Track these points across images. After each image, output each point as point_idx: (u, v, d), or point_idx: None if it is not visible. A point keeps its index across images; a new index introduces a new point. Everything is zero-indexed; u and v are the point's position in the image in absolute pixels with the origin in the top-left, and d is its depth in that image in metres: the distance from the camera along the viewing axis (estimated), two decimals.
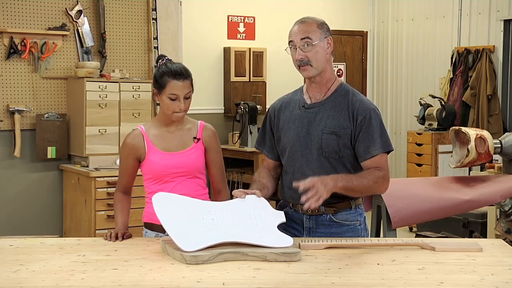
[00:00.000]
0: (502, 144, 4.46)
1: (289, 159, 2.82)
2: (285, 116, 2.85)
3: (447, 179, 4.51)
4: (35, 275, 2.27)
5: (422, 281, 2.22)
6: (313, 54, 2.72)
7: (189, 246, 2.41)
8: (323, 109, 2.77)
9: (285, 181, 2.87)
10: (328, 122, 2.75)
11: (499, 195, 4.13)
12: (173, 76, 2.86)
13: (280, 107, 2.89)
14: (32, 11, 5.79)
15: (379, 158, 2.73)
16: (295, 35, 2.74)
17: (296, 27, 2.75)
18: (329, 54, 2.77)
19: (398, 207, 3.96)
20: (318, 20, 2.78)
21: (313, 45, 2.71)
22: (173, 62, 2.94)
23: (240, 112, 7.06)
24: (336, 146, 2.73)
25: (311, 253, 2.51)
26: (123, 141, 3.01)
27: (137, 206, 3.75)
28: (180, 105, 2.87)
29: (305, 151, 2.77)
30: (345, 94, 2.79)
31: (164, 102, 2.89)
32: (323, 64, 2.76)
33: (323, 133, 2.74)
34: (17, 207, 5.82)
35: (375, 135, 2.72)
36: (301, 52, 2.72)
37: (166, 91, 2.87)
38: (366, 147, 2.72)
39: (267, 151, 2.94)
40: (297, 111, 2.82)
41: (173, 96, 2.86)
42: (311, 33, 2.72)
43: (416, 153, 7.36)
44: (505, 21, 7.24)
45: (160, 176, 2.93)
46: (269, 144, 2.93)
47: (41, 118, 5.77)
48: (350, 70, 8.57)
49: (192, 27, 7.17)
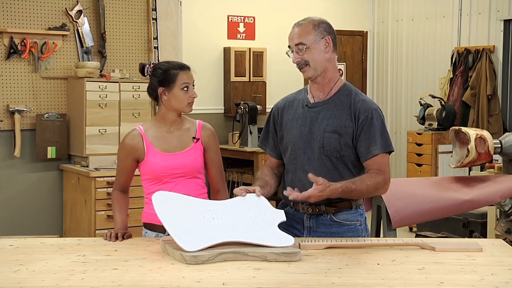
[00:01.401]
0: (502, 144, 4.46)
1: (291, 158, 2.83)
2: (288, 115, 2.86)
3: (447, 179, 4.51)
4: (35, 275, 2.27)
5: (422, 281, 2.22)
6: (308, 55, 2.74)
7: (191, 246, 2.41)
8: (325, 108, 2.78)
9: (286, 180, 2.87)
10: (330, 121, 2.75)
11: (499, 195, 4.13)
12: (179, 68, 2.93)
13: (284, 106, 2.91)
14: (32, 11, 5.79)
15: (381, 158, 2.73)
16: (291, 40, 2.77)
17: (293, 31, 2.78)
18: (328, 54, 2.77)
19: (398, 207, 3.96)
20: (315, 20, 2.78)
21: (308, 48, 2.72)
22: (162, 62, 3.02)
23: (240, 112, 7.05)
24: (338, 145, 2.74)
25: (311, 253, 2.51)
26: (122, 141, 3.01)
27: (136, 206, 3.76)
28: (193, 93, 2.94)
29: (307, 150, 2.78)
30: (348, 94, 2.80)
31: (177, 95, 2.91)
32: (322, 64, 2.76)
33: (325, 131, 2.75)
34: (17, 207, 5.82)
35: (376, 135, 2.73)
36: (297, 55, 2.75)
37: (177, 84, 2.91)
38: (367, 146, 2.73)
39: (270, 149, 2.95)
40: (300, 110, 2.83)
41: (185, 85, 2.91)
42: (304, 37, 2.73)
43: (416, 153, 7.36)
44: (505, 21, 7.24)
45: (159, 177, 2.93)
46: (272, 143, 2.94)
47: (41, 118, 5.77)
48: (350, 70, 8.57)
49: (192, 27, 7.17)
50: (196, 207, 2.61)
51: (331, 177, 2.73)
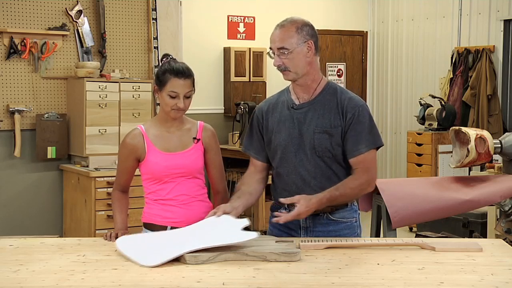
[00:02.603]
0: (502, 144, 4.45)
1: (282, 161, 2.81)
2: (274, 117, 2.84)
3: (447, 179, 4.50)
4: (35, 275, 2.27)
5: (422, 281, 2.22)
6: (290, 61, 2.72)
7: (147, 261, 2.36)
8: (312, 109, 2.78)
9: (278, 183, 2.86)
10: (319, 122, 2.75)
11: (499, 195, 4.13)
12: (174, 74, 2.86)
13: (267, 108, 2.88)
14: (32, 11, 5.79)
15: (367, 155, 2.74)
16: (273, 42, 2.74)
17: (275, 33, 2.74)
18: (310, 57, 2.75)
19: (398, 207, 3.96)
20: (298, 23, 2.74)
21: (290, 52, 2.70)
22: (176, 61, 2.95)
23: (240, 112, 7.05)
24: (329, 144, 2.73)
25: (311, 253, 2.51)
26: (123, 140, 3.01)
27: (136, 206, 3.76)
28: (179, 103, 2.86)
29: (298, 152, 2.77)
30: (333, 93, 2.79)
31: (164, 99, 2.88)
32: (303, 69, 2.75)
33: (315, 132, 2.74)
34: (17, 207, 5.82)
35: (363, 132, 2.73)
36: (278, 59, 2.73)
37: (166, 88, 2.86)
38: (354, 144, 2.73)
39: (254, 152, 2.92)
40: (286, 112, 2.82)
41: (173, 93, 2.85)
42: (286, 41, 2.70)
43: (416, 153, 7.36)
44: (505, 21, 7.24)
45: (160, 176, 2.93)
46: (257, 146, 2.91)
47: (41, 118, 5.77)
48: (350, 70, 8.57)
49: (192, 27, 7.16)
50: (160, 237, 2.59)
51: (326, 177, 2.74)
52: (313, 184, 2.75)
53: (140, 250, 2.47)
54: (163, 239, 2.58)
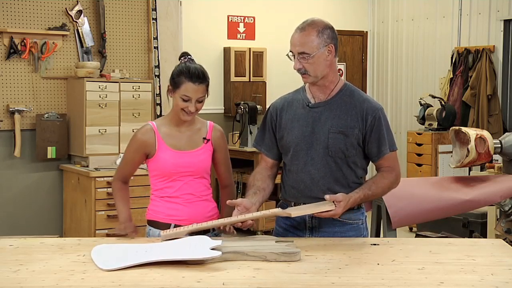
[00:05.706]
0: (502, 144, 4.46)
1: (293, 158, 2.81)
2: (288, 115, 2.85)
3: (447, 179, 4.51)
4: (35, 275, 2.27)
5: (422, 281, 2.22)
6: (310, 65, 2.70)
7: (106, 265, 2.34)
8: (328, 109, 2.78)
9: (287, 180, 2.86)
10: (335, 122, 2.75)
11: (499, 195, 4.13)
12: (189, 78, 2.86)
13: (282, 106, 2.88)
14: (32, 11, 5.79)
15: (390, 156, 2.79)
16: (294, 46, 2.71)
17: (296, 36, 2.71)
18: (330, 60, 2.74)
19: (398, 207, 3.96)
20: (319, 26, 2.71)
21: (311, 57, 2.69)
22: (193, 62, 2.95)
23: (240, 112, 7.06)
24: (343, 145, 2.74)
25: (311, 253, 2.52)
26: (134, 135, 3.01)
27: (138, 206, 3.76)
28: (190, 107, 2.87)
29: (310, 150, 2.77)
30: (351, 94, 2.81)
31: (176, 100, 2.91)
32: (323, 72, 2.75)
33: (330, 132, 2.74)
34: (17, 207, 5.82)
35: (384, 135, 2.77)
36: (298, 63, 2.72)
37: (180, 91, 2.87)
38: (378, 146, 2.77)
39: (265, 149, 2.93)
40: (301, 110, 2.82)
41: (185, 97, 2.87)
42: (307, 46, 2.68)
43: (416, 153, 7.36)
44: (505, 21, 7.25)
45: (168, 174, 2.93)
46: (269, 143, 2.92)
47: (41, 118, 5.77)
48: (350, 70, 8.58)
49: (192, 27, 7.17)
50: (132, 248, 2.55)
51: (334, 177, 2.74)
52: (321, 184, 2.75)
53: (106, 255, 2.45)
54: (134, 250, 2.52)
